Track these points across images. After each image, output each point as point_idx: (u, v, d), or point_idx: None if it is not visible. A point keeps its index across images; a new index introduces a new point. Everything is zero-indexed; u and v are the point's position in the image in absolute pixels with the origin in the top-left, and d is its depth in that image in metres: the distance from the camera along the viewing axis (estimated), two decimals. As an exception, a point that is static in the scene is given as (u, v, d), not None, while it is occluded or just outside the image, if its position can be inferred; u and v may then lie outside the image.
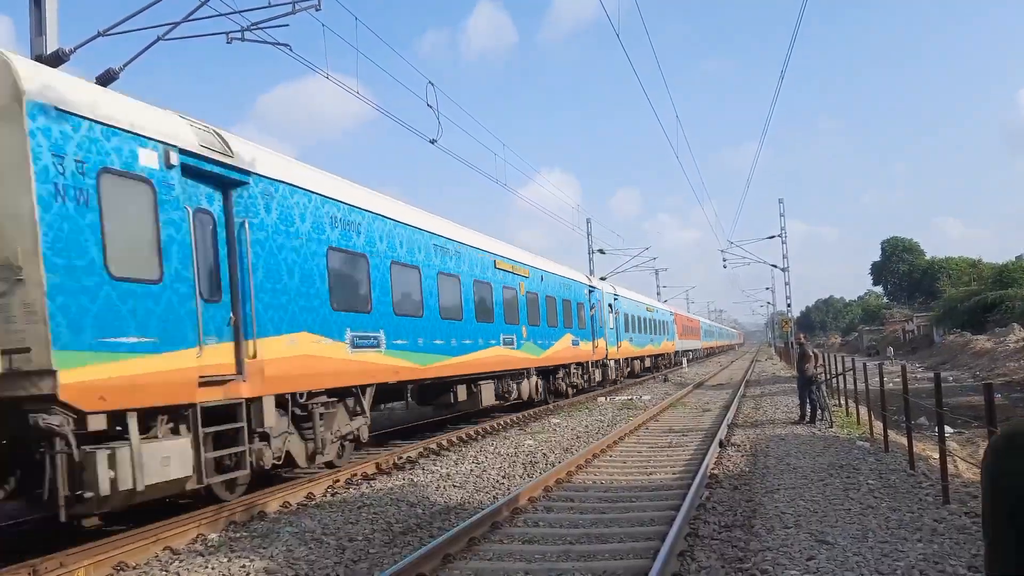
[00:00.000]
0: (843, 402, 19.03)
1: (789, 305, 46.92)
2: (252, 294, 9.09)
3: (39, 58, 9.31)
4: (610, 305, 31.18)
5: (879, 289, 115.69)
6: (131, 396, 7.27)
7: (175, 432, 7.92)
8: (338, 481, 11.00)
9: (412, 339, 13.41)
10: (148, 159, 7.77)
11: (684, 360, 53.43)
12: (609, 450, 13.48)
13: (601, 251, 45.22)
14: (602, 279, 37.99)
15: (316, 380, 10.52)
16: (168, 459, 7.54)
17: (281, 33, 18.49)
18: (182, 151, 8.19)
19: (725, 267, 47.18)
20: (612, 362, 30.86)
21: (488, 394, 17.47)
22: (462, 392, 16.18)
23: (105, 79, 9.22)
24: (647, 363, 42.76)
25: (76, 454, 6.67)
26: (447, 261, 15.28)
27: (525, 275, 20.37)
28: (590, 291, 27.90)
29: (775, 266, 47.23)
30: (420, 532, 8.21)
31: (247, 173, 9.20)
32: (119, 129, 7.47)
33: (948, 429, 14.01)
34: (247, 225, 9.12)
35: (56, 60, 9.24)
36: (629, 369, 36.48)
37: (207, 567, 6.90)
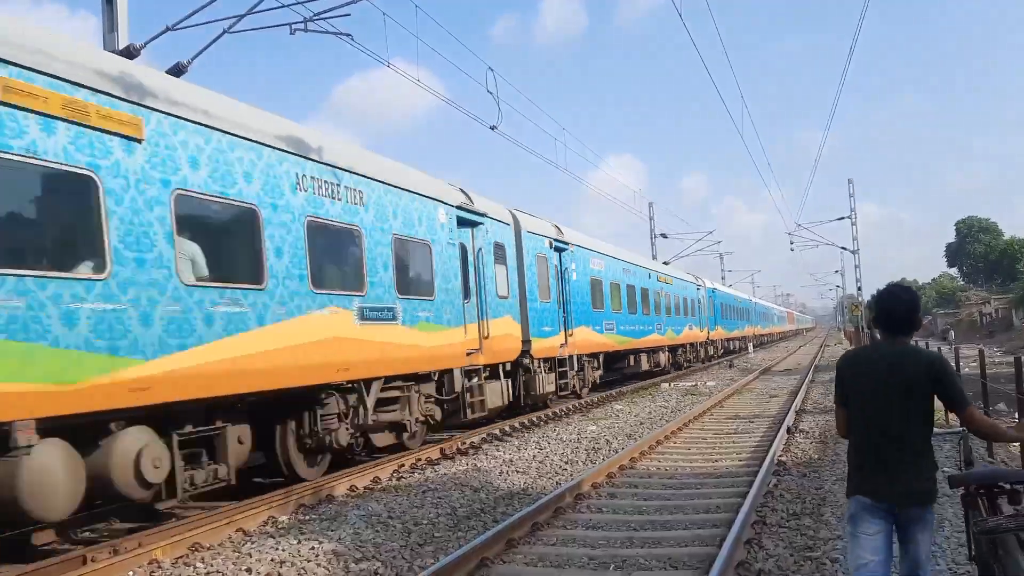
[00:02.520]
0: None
1: (860, 288, 45.57)
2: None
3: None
4: (543, 257, 17.37)
5: (954, 271, 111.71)
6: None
7: None
8: (403, 466, 11.15)
9: None
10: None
11: (750, 345, 53.03)
12: (673, 436, 13.34)
13: (663, 235, 44.74)
14: (665, 263, 37.32)
15: None
16: None
17: (343, 23, 18.70)
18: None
19: (792, 250, 46.14)
20: (543, 364, 16.91)
21: None
22: None
23: (175, 72, 9.46)
24: (660, 360, 28.33)
25: None
26: None
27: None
28: (474, 224, 14.07)
29: (845, 248, 45.92)
30: (484, 517, 8.25)
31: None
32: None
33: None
34: None
35: (128, 55, 9.50)
36: (599, 374, 21.61)
37: (277, 548, 7.07)
